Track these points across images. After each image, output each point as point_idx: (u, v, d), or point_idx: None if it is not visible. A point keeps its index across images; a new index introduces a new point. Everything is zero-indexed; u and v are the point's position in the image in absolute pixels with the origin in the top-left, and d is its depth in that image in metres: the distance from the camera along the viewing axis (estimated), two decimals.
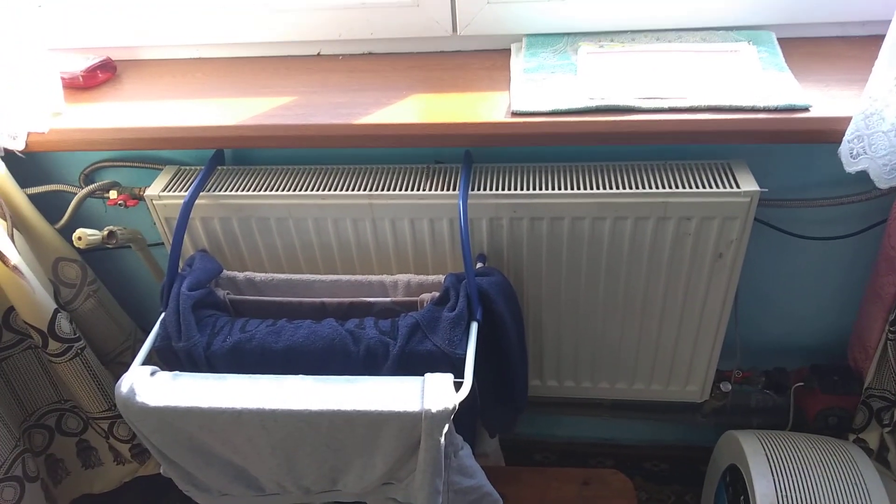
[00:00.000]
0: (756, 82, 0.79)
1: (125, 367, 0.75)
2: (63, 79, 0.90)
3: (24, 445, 1.02)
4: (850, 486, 0.87)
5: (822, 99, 0.77)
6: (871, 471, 0.89)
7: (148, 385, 0.72)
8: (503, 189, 0.84)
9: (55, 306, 0.93)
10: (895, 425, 0.95)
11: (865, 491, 0.87)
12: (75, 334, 0.96)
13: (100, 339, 1.04)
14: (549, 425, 1.30)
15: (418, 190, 0.85)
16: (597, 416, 1.19)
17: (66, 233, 0.96)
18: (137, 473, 1.15)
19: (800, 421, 1.06)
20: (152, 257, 1.03)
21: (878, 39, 0.68)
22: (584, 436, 1.31)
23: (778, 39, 0.86)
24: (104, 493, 1.16)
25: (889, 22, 0.66)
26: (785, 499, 0.87)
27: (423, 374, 0.71)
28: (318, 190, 0.87)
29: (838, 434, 1.00)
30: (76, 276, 1.00)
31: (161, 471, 0.81)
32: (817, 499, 0.87)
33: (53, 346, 0.94)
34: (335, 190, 0.86)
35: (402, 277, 0.85)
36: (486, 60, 0.92)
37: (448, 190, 0.85)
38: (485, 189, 0.85)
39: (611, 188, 0.82)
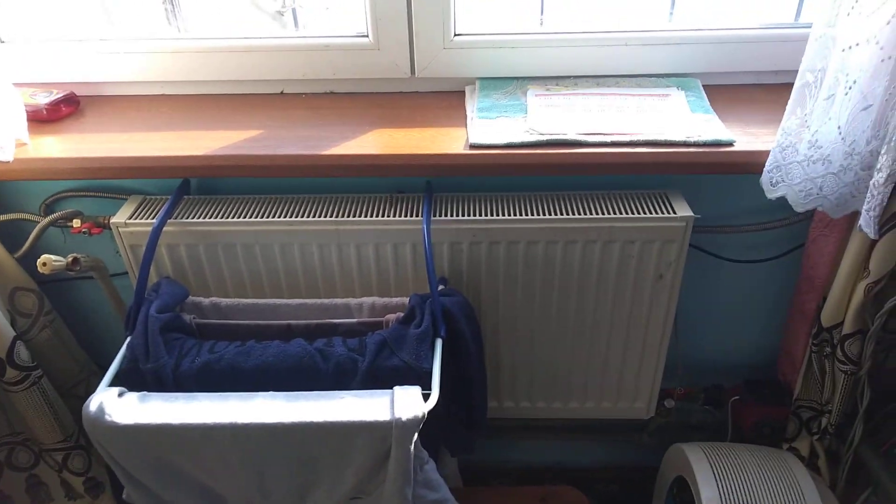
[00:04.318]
0: (686, 121, 0.89)
1: (80, 399, 0.74)
2: (26, 111, 0.90)
3: None
4: (787, 491, 0.94)
5: (743, 136, 0.86)
6: (805, 477, 0.97)
7: (117, 405, 0.72)
8: (461, 216, 0.90)
9: (14, 334, 0.92)
10: (823, 433, 1.03)
11: (801, 495, 0.94)
12: (33, 362, 0.94)
13: (55, 371, 1.02)
14: (505, 451, 1.33)
15: (383, 216, 0.90)
16: (550, 440, 1.23)
17: (25, 262, 0.96)
18: None
19: (737, 433, 1.12)
20: (114, 287, 1.02)
21: (789, 87, 0.78)
22: (539, 460, 1.34)
23: (703, 86, 0.97)
24: None
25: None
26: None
27: (391, 389, 0.74)
28: (285, 217, 0.90)
29: (773, 443, 1.07)
30: (33, 306, 0.98)
31: (124, 496, 0.80)
32: (759, 503, 0.93)
33: (11, 374, 0.92)
34: (302, 217, 0.90)
35: (367, 300, 0.88)
36: (443, 101, 0.98)
37: (411, 216, 0.90)
38: (445, 216, 0.90)
39: (561, 214, 0.89)
